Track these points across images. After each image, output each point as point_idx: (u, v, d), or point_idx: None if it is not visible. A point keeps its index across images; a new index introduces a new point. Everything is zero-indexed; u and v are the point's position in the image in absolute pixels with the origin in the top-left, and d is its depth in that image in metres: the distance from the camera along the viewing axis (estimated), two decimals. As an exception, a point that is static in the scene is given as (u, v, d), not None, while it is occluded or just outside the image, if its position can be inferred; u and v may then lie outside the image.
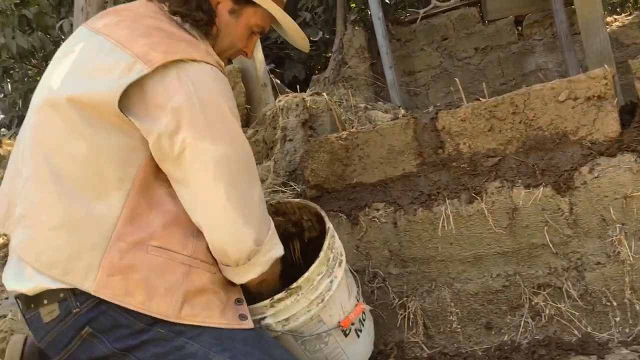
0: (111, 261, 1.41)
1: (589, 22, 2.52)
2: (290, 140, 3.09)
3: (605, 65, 1.98)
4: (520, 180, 2.04)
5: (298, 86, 4.23)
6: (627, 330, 1.93)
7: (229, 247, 1.48)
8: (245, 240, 1.47)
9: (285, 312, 1.70)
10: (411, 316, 2.22)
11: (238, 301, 1.57)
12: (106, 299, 1.40)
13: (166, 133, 1.40)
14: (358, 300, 2.12)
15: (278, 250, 1.56)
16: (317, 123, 3.23)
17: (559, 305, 2.00)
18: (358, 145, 2.33)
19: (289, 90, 4.56)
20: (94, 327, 1.41)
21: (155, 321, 1.42)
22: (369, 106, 3.66)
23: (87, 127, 1.42)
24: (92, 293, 1.39)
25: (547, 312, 2.01)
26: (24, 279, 1.44)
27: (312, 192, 2.44)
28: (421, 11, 5.54)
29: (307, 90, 3.87)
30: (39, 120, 1.48)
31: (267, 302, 1.67)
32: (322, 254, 1.86)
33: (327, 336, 1.91)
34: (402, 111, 2.41)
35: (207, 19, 1.58)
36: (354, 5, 5.78)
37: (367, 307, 2.12)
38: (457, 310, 2.17)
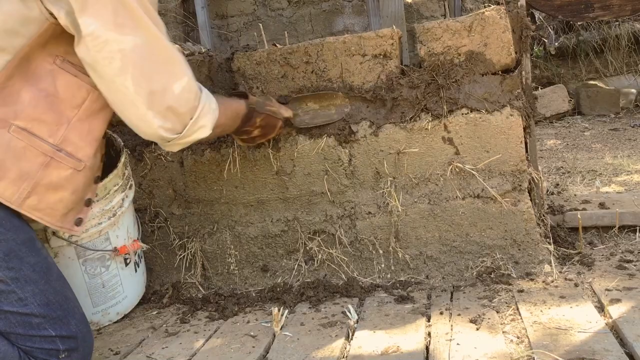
0: None
1: (386, -14, 2.64)
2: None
3: (394, 26, 2.07)
4: (306, 129, 2.08)
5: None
6: (388, 276, 2.08)
7: (139, 132, 1.47)
8: (157, 130, 1.44)
9: None
10: (190, 257, 2.20)
11: (88, 202, 1.59)
12: None
13: (71, 12, 1.31)
14: (138, 238, 2.07)
15: (201, 133, 1.52)
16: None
17: (330, 251, 2.10)
18: (149, 79, 2.20)
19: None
20: None
21: None
22: (176, 45, 3.49)
23: None
24: None
25: (320, 256, 2.11)
26: None
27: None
28: (238, -46, 5.40)
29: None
30: None
31: None
32: (120, 165, 1.85)
33: (109, 259, 1.90)
34: (201, 48, 2.33)
35: None
36: (168, -64, 5.46)
37: (145, 246, 2.08)
38: (236, 253, 2.19)
